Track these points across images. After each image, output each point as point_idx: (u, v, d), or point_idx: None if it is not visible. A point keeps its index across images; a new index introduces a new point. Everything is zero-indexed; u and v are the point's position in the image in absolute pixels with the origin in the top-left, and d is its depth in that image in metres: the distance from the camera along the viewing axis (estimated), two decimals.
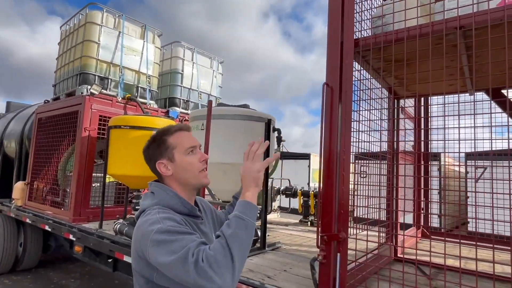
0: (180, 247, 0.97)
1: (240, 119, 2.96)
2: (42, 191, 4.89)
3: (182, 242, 0.98)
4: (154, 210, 1.12)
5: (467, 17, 1.55)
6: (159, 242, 1.00)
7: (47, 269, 5.84)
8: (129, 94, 4.55)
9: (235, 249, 0.97)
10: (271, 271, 2.39)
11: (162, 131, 1.28)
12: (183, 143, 1.23)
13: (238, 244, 0.98)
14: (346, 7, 1.91)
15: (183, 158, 1.22)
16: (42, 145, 4.96)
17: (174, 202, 1.17)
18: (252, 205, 1.09)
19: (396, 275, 2.07)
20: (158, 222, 1.04)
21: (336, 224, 1.82)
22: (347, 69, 1.89)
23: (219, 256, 0.94)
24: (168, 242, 0.99)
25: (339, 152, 1.86)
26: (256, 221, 1.11)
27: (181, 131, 1.27)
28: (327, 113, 1.92)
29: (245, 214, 1.05)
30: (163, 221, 1.05)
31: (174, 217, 1.09)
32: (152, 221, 1.06)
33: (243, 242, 1.00)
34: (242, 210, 1.06)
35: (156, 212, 1.10)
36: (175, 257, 0.95)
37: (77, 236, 3.63)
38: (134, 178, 3.57)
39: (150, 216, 1.09)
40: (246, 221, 1.04)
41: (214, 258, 0.94)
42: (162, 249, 0.99)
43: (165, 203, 1.16)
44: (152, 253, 1.00)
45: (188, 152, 1.23)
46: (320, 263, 1.83)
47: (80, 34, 4.51)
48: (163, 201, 1.17)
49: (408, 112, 3.40)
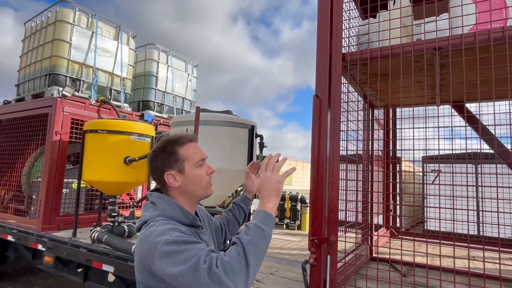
0: (190, 257, 0.96)
1: (225, 125, 3.00)
2: (3, 198, 4.54)
3: (192, 251, 0.98)
4: (158, 221, 1.10)
5: (445, 39, 1.73)
6: (167, 253, 0.99)
7: (5, 282, 5.41)
8: (102, 97, 4.39)
9: (251, 257, 0.97)
10: (259, 274, 2.45)
11: (173, 142, 1.23)
12: (193, 156, 1.22)
13: (255, 253, 0.99)
14: (334, 23, 2.04)
15: (194, 171, 1.21)
16: (2, 149, 4.62)
17: (177, 214, 1.15)
18: (272, 216, 1.11)
19: (373, 273, 2.23)
20: (164, 234, 1.03)
21: (327, 228, 1.92)
22: (335, 81, 2.02)
23: (234, 263, 0.95)
24: (177, 253, 0.98)
25: (329, 159, 1.97)
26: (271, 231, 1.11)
27: (192, 142, 1.25)
28: (316, 123, 2.02)
29: (264, 225, 1.06)
30: (170, 232, 1.04)
31: (180, 228, 1.09)
32: (158, 232, 1.04)
33: (260, 252, 1.01)
34: (262, 220, 1.07)
35: (160, 223, 1.08)
36: (185, 267, 0.95)
37: (48, 245, 3.44)
38: (112, 184, 3.47)
39: (154, 227, 1.07)
40: (265, 231, 1.05)
41: (229, 264, 0.94)
42: (170, 261, 0.98)
43: (168, 214, 1.14)
44: (160, 265, 0.99)
45: (198, 164, 1.22)
46: (311, 265, 1.93)
47: (49, 33, 4.29)
48: (165, 212, 1.14)
49: (378, 121, 3.64)
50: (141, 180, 3.62)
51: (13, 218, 4.17)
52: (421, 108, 2.83)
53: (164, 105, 5.57)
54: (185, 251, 0.98)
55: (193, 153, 1.22)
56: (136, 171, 3.50)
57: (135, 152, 3.47)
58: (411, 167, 8.05)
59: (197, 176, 1.21)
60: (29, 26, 4.81)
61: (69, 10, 4.31)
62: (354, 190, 2.64)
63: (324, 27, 2.03)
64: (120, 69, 4.74)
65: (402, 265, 2.41)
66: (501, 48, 1.66)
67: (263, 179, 1.18)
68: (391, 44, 1.88)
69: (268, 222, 1.07)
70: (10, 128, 4.57)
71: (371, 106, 3.13)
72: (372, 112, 3.21)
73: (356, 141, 2.47)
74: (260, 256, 1.01)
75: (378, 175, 3.32)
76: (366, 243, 2.96)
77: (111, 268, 2.89)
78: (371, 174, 3.08)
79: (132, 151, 3.45)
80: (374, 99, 3.01)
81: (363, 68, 2.01)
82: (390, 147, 3.91)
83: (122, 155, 3.40)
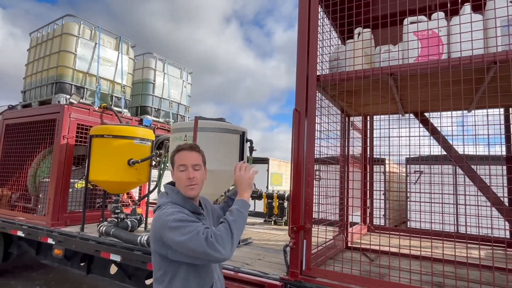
0: (191, 230, 1.36)
1: (219, 132, 3.41)
2: (10, 197, 4.86)
3: (192, 227, 1.38)
4: (168, 205, 1.53)
5: (396, 67, 2.19)
6: (174, 227, 1.39)
7: (7, 278, 5.69)
8: (105, 103, 4.76)
9: (234, 230, 1.41)
10: (248, 260, 2.88)
11: (176, 148, 1.67)
12: (177, 161, 1.60)
13: (237, 228, 1.43)
14: (310, 49, 2.48)
15: (176, 173, 1.60)
16: (10, 151, 4.94)
17: (181, 202, 1.57)
18: (247, 203, 1.59)
19: (346, 259, 2.67)
20: (172, 214, 1.43)
21: (303, 218, 2.36)
22: (311, 98, 2.46)
23: (223, 235, 1.37)
24: (181, 227, 1.38)
25: (305, 162, 2.41)
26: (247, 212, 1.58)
27: (181, 151, 1.62)
28: (295, 132, 2.46)
29: (243, 209, 1.53)
30: (176, 213, 1.44)
31: (184, 211, 1.51)
32: (168, 213, 1.45)
33: (240, 227, 1.46)
34: (241, 206, 1.54)
35: (170, 207, 1.51)
36: (187, 237, 1.34)
37: (58, 239, 3.79)
38: (116, 184, 3.85)
39: (165, 210, 1.50)
40: (243, 213, 1.52)
41: (220, 236, 1.36)
42: (177, 233, 1.37)
43: (175, 201, 1.57)
44: (168, 236, 1.39)
45: (180, 169, 1.58)
46: (291, 248, 2.36)
47: (55, 44, 4.64)
48: (174, 200, 1.57)
49: (356, 126, 4.11)
50: (142, 180, 4.01)
51: (22, 215, 4.50)
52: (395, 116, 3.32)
53: (160, 110, 5.95)
54: (187, 226, 1.39)
55: (177, 159, 1.61)
56: (138, 172, 3.90)
57: (138, 155, 3.86)
58: (396, 167, 8.59)
59: (177, 178, 1.60)
60: (35, 37, 5.14)
61: (74, 24, 4.67)
62: (332, 187, 3.10)
63: (302, 54, 2.47)
64: (120, 77, 5.11)
65: (372, 252, 2.88)
66: (440, 74, 2.12)
67: (238, 177, 1.66)
68: (355, 69, 2.33)
69: (245, 207, 1.55)
70: (17, 132, 4.89)
71: (347, 115, 3.59)
72: (348, 120, 3.68)
73: (335, 145, 2.93)
74: (240, 230, 1.47)
75: (353, 175, 3.78)
76: (342, 235, 3.41)
77: (118, 257, 3.27)
78: (347, 173, 3.54)
79: (134, 154, 3.84)
80: (349, 109, 3.47)
81: (334, 87, 2.45)
82: (368, 150, 4.39)
83: (126, 158, 3.79)
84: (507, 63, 1.88)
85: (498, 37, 1.96)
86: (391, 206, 6.92)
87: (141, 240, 3.09)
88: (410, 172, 6.59)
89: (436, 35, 2.16)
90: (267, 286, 2.37)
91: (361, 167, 4.17)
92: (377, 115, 3.57)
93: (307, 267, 2.34)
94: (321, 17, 2.66)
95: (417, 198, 6.01)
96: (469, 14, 2.04)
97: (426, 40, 2.14)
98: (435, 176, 3.74)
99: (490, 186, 2.69)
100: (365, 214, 4.42)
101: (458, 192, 4.19)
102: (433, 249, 2.26)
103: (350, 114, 3.64)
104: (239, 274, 2.52)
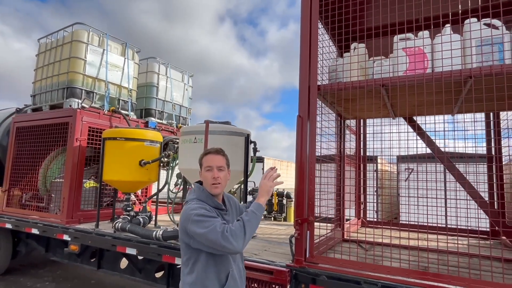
0: (210, 224, 1.63)
1: (226, 134, 3.70)
2: (21, 197, 5.08)
3: (211, 222, 1.65)
4: (194, 201, 1.83)
5: (387, 80, 2.51)
6: (196, 221, 1.67)
7: (16, 275, 5.89)
8: (113, 107, 5.01)
9: (248, 228, 1.66)
10: (256, 251, 3.18)
11: (204, 151, 1.97)
12: (204, 163, 1.88)
13: (250, 226, 1.67)
14: (312, 62, 2.79)
15: (203, 173, 1.87)
16: (21, 153, 5.15)
17: (205, 199, 1.86)
18: (262, 207, 1.82)
19: (344, 249, 3.00)
20: (196, 209, 1.72)
21: (307, 211, 2.67)
22: (312, 105, 2.77)
23: (238, 231, 1.62)
24: (202, 221, 1.66)
25: (308, 162, 2.72)
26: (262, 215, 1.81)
27: (209, 154, 1.90)
28: (299, 136, 2.77)
29: (258, 211, 1.77)
30: (199, 209, 1.73)
31: (206, 207, 1.80)
32: (192, 208, 1.74)
33: (253, 226, 1.70)
34: (257, 208, 1.77)
35: (195, 203, 1.81)
36: (207, 230, 1.62)
37: (75, 236, 4.05)
38: (128, 183, 4.12)
39: (191, 205, 1.79)
40: (257, 215, 1.75)
41: (234, 231, 1.62)
42: (198, 225, 1.66)
43: (200, 198, 1.86)
44: (191, 228, 1.68)
45: (206, 169, 1.86)
46: (296, 238, 2.67)
47: (65, 50, 4.86)
48: (200, 197, 1.87)
49: (351, 129, 4.44)
50: (152, 179, 4.29)
51: (35, 214, 4.73)
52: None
53: (164, 112, 6.21)
54: (207, 221, 1.67)
55: (205, 161, 1.89)
56: (148, 171, 4.17)
57: (148, 156, 4.13)
58: (388, 166, 8.99)
59: (204, 177, 1.87)
60: (43, 43, 5.35)
61: (83, 31, 4.90)
62: (331, 185, 3.42)
63: (304, 66, 2.78)
64: (127, 81, 5.36)
65: (367, 244, 3.22)
66: (425, 86, 2.46)
67: (262, 184, 1.91)
68: (351, 80, 2.65)
69: (260, 210, 1.80)
70: (28, 134, 5.11)
71: (343, 119, 3.92)
72: (344, 123, 4.01)
73: (333, 146, 3.24)
74: (253, 229, 1.72)
75: (350, 173, 4.12)
76: (340, 228, 3.75)
77: (134, 250, 3.55)
78: (343, 172, 3.87)
79: (145, 155, 4.12)
80: (345, 114, 3.80)
81: (333, 95, 2.77)
82: (361, 150, 4.74)
83: (137, 159, 4.06)
84: (480, 78, 2.22)
85: (473, 55, 2.30)
86: (382, 201, 7.31)
87: (156, 234, 3.37)
88: (399, 170, 6.99)
89: (422, 51, 2.49)
90: (275, 272, 2.68)
91: (355, 165, 4.51)
92: (370, 118, 3.90)
93: (311, 255, 2.65)
94: (321, 33, 2.98)
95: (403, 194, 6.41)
96: (449, 34, 2.38)
97: (413, 56, 2.47)
98: (421, 174, 4.10)
99: (468, 182, 3.05)
100: (360, 209, 4.76)
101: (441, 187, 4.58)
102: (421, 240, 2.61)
103: (346, 117, 3.97)
104: (249, 262, 2.82)
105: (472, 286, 2.08)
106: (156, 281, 3.85)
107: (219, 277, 1.78)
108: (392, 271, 2.33)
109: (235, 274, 1.85)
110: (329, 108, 3.35)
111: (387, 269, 2.36)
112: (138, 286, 5.49)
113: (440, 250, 2.55)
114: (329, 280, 2.46)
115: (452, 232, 3.15)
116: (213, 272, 1.76)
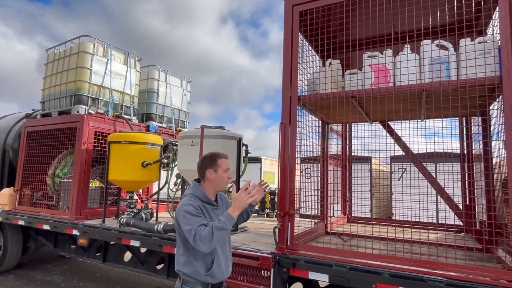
0: (191, 224, 1.91)
1: (220, 138, 4.11)
2: (32, 196, 5.49)
3: (192, 220, 1.92)
4: (188, 196, 2.15)
5: (356, 92, 2.93)
6: (183, 217, 1.96)
7: (25, 270, 6.30)
8: (117, 113, 5.42)
9: (215, 234, 1.86)
10: (246, 241, 3.59)
11: (216, 154, 2.20)
12: (224, 165, 2.17)
13: (218, 233, 1.87)
14: (293, 74, 3.20)
15: (222, 173, 2.16)
16: (31, 155, 5.56)
17: (200, 195, 2.19)
18: (233, 218, 1.95)
19: (326, 240, 3.41)
20: (186, 205, 1.99)
21: (288, 205, 3.08)
22: (293, 113, 3.18)
23: (207, 236, 1.85)
24: (186, 218, 1.95)
25: (289, 163, 3.13)
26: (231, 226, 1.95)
27: (224, 158, 2.19)
28: (282, 140, 3.18)
29: (228, 222, 1.92)
30: (188, 205, 1.99)
31: (194, 204, 2.02)
32: (184, 203, 2.02)
33: (221, 233, 1.89)
34: (228, 219, 1.92)
35: (189, 198, 2.12)
36: (189, 227, 1.90)
37: (83, 230, 4.45)
38: (132, 183, 4.53)
39: (185, 200, 2.11)
40: (226, 225, 1.90)
41: (204, 236, 1.85)
42: (183, 221, 1.95)
43: (195, 194, 2.19)
44: (180, 221, 1.99)
45: (225, 171, 2.18)
46: (279, 229, 3.08)
47: (73, 60, 5.27)
48: (195, 193, 2.20)
49: (335, 130, 4.85)
50: (153, 179, 4.70)
51: (45, 211, 5.14)
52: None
53: (164, 116, 6.62)
54: (190, 219, 1.94)
55: (224, 164, 2.19)
56: (150, 172, 4.58)
57: (150, 158, 4.54)
58: (383, 166, 9.40)
59: (221, 177, 2.16)
60: (52, 52, 5.76)
61: (89, 42, 5.31)
62: (315, 183, 3.84)
63: (286, 79, 3.19)
64: (129, 88, 5.77)
65: (346, 235, 3.63)
66: (387, 97, 2.87)
67: (238, 197, 2.01)
68: (326, 92, 3.07)
69: (230, 221, 1.94)
70: (38, 138, 5.52)
71: (326, 123, 4.33)
72: (327, 127, 4.42)
73: (317, 148, 3.65)
74: (220, 234, 1.90)
75: (337, 172, 4.53)
76: (323, 221, 4.16)
77: (137, 242, 3.95)
78: (326, 171, 4.28)
79: (147, 157, 4.53)
80: (327, 119, 4.22)
81: (311, 104, 3.18)
82: (347, 151, 5.15)
83: (140, 160, 4.47)
84: (431, 91, 2.63)
85: (427, 72, 2.71)
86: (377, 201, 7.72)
87: (157, 228, 3.77)
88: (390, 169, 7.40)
89: (385, 67, 2.91)
90: (261, 258, 3.09)
91: (341, 165, 4.93)
92: (348, 122, 4.32)
93: (291, 243, 3.06)
94: (302, 45, 3.38)
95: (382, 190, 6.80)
96: (407, 54, 2.79)
97: (377, 72, 2.88)
98: (406, 173, 4.51)
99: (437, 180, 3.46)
100: (345, 205, 5.17)
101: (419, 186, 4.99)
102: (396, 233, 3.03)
103: (328, 122, 4.38)
104: (238, 250, 3.23)
105: (422, 265, 2.48)
106: (158, 272, 4.26)
107: (205, 261, 2.04)
108: (358, 255, 2.73)
109: (221, 261, 2.10)
110: (312, 115, 3.76)
111: (354, 253, 2.77)
112: (140, 278, 5.91)
113: (408, 239, 2.95)
114: (306, 264, 2.86)
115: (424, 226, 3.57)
116: (200, 256, 2.03)
